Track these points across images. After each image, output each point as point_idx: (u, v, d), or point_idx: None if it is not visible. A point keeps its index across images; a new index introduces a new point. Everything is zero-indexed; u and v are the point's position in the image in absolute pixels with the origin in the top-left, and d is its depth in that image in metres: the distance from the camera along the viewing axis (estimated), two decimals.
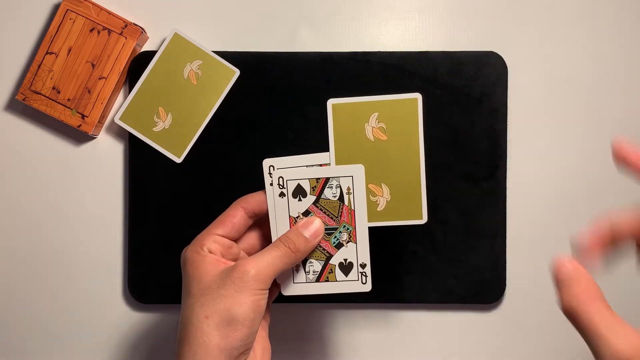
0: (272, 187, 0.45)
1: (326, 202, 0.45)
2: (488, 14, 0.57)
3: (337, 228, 0.45)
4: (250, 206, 0.45)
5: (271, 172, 0.45)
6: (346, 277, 0.45)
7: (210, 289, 0.41)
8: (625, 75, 0.57)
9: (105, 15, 0.55)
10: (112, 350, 0.58)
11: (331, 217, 0.45)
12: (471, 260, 0.55)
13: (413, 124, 0.45)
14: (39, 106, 0.55)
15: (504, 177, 0.55)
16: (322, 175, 0.45)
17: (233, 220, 0.44)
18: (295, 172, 0.45)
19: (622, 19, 0.57)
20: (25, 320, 0.58)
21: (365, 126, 0.46)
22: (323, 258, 0.45)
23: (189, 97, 0.55)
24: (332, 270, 0.45)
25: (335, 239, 0.45)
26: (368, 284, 0.45)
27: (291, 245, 0.43)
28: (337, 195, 0.45)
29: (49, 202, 0.57)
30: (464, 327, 0.57)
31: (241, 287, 0.40)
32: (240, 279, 0.40)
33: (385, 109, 0.45)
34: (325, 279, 0.46)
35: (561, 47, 0.57)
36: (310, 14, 0.57)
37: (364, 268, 0.45)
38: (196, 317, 0.40)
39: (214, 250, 0.43)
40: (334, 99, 0.46)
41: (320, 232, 0.45)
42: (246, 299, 0.40)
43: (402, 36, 0.57)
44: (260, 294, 0.41)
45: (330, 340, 0.58)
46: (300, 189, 0.45)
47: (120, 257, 0.57)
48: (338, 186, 0.45)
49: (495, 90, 0.55)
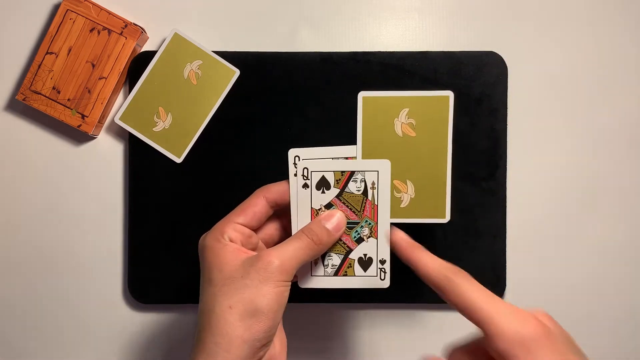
0: (296, 177, 0.44)
1: (350, 195, 0.44)
2: (488, 14, 0.57)
3: (359, 222, 0.45)
4: (272, 196, 0.44)
5: (296, 163, 0.44)
6: (365, 273, 0.45)
7: (233, 279, 0.40)
8: (625, 75, 0.57)
9: (105, 15, 0.55)
10: (112, 350, 0.58)
11: (353, 211, 0.45)
12: (471, 260, 0.55)
13: (443, 122, 0.45)
14: (39, 106, 0.55)
15: (504, 177, 0.55)
16: (348, 169, 0.44)
17: (254, 209, 0.44)
18: (321, 164, 0.44)
19: (622, 19, 0.57)
20: (25, 320, 0.58)
21: (395, 121, 0.45)
22: (343, 252, 0.45)
23: (189, 97, 0.55)
24: (351, 264, 0.45)
25: (356, 233, 0.45)
26: (386, 280, 0.45)
27: (314, 236, 0.42)
28: (362, 189, 0.44)
29: (49, 202, 0.57)
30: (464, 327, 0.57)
31: (265, 278, 0.39)
32: (265, 270, 0.40)
33: (416, 105, 0.45)
34: (343, 273, 0.45)
35: (561, 47, 0.57)
36: (310, 14, 0.57)
37: (384, 264, 0.45)
38: (219, 306, 0.39)
39: (235, 239, 0.42)
40: (365, 92, 0.45)
41: (342, 226, 0.44)
42: (270, 290, 0.39)
43: (402, 36, 0.57)
44: (284, 285, 0.40)
45: (329, 340, 0.57)
46: (324, 181, 0.44)
47: (120, 257, 0.57)
48: (363, 180, 0.44)
49: (495, 90, 0.55)
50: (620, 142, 0.57)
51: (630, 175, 0.57)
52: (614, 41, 0.57)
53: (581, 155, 0.57)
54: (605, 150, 0.57)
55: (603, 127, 0.57)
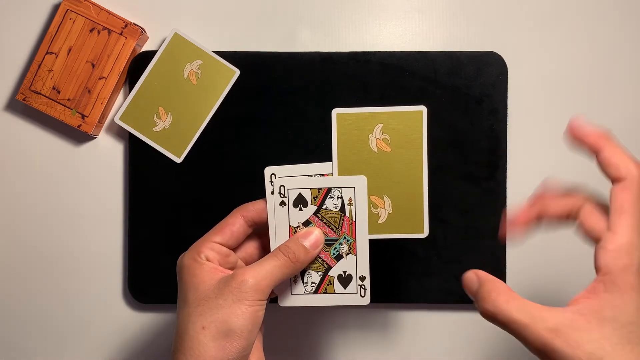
0: (273, 195, 0.44)
1: (327, 212, 0.44)
2: (488, 14, 0.57)
3: (337, 239, 0.44)
4: (250, 214, 0.44)
5: (272, 181, 0.44)
6: (345, 290, 0.45)
7: (208, 299, 0.40)
8: (625, 75, 0.57)
9: (105, 15, 0.55)
10: (112, 350, 0.58)
11: (331, 228, 0.44)
12: (471, 260, 0.55)
13: (417, 137, 0.45)
14: (39, 106, 0.55)
15: (504, 177, 0.55)
16: (324, 185, 0.44)
17: (232, 229, 0.44)
18: (297, 181, 0.44)
19: (622, 19, 0.57)
20: (25, 319, 0.58)
21: (370, 137, 0.45)
22: (322, 269, 0.45)
23: (189, 97, 0.55)
24: (331, 282, 0.45)
25: (335, 250, 0.45)
26: (367, 297, 0.45)
27: (291, 254, 0.42)
28: (339, 206, 0.44)
29: (49, 202, 0.57)
30: (464, 327, 0.57)
31: (239, 297, 0.39)
32: (239, 289, 0.39)
33: (390, 121, 0.45)
34: (323, 291, 0.45)
35: (561, 47, 0.57)
36: (310, 14, 0.57)
37: (363, 281, 0.45)
38: (192, 327, 0.39)
39: (212, 258, 0.42)
40: (339, 109, 0.45)
41: (320, 243, 0.44)
42: (244, 309, 0.39)
43: (402, 36, 0.57)
44: (259, 304, 0.40)
45: (331, 340, 0.57)
46: (301, 199, 0.44)
47: (120, 257, 0.57)
48: (340, 197, 0.44)
49: (495, 90, 0.55)
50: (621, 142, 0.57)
51: None
52: (613, 41, 0.57)
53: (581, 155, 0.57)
54: None
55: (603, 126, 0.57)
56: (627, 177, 0.35)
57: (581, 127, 0.38)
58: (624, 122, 0.57)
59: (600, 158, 0.37)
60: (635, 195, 0.35)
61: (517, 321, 0.34)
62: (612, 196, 0.35)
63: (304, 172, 0.45)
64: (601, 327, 0.33)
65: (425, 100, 0.55)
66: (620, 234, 0.34)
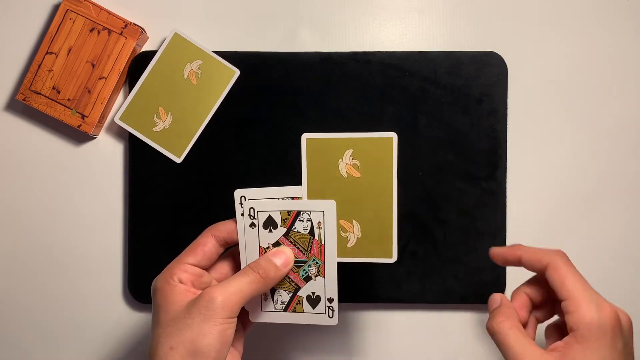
0: (243, 217, 0.45)
1: (297, 235, 0.45)
2: (488, 14, 0.57)
3: (307, 261, 0.45)
4: (221, 234, 0.45)
5: (242, 203, 0.45)
6: (313, 310, 0.45)
7: (177, 319, 0.40)
8: (625, 75, 0.57)
9: (105, 15, 0.55)
10: (112, 350, 0.58)
11: (301, 250, 0.45)
12: (471, 260, 0.55)
13: (387, 163, 0.45)
14: (39, 106, 0.55)
15: (504, 177, 0.55)
16: (294, 209, 0.45)
17: (204, 249, 0.44)
18: (267, 204, 0.45)
19: (623, 19, 0.57)
20: (25, 320, 0.58)
21: (339, 162, 0.45)
22: (291, 289, 0.45)
23: (189, 97, 0.55)
24: (300, 301, 0.45)
25: (304, 271, 0.45)
26: (335, 318, 0.45)
27: (261, 270, 0.42)
28: (308, 229, 0.45)
29: (49, 202, 0.57)
30: (464, 327, 0.57)
31: (207, 316, 0.39)
32: (207, 307, 0.39)
33: (360, 146, 0.45)
34: (292, 310, 0.46)
35: (561, 47, 0.57)
36: (310, 14, 0.57)
37: (331, 303, 0.45)
38: (162, 348, 0.39)
39: (185, 280, 0.42)
40: (309, 134, 0.45)
41: (290, 262, 0.44)
42: (212, 328, 0.39)
43: (402, 36, 0.57)
44: (228, 322, 0.40)
45: (329, 340, 0.57)
46: (271, 221, 0.45)
47: (120, 257, 0.57)
48: (309, 220, 0.45)
49: (495, 90, 0.55)
50: (621, 142, 0.57)
51: (630, 175, 0.57)
52: (614, 41, 0.57)
53: (581, 155, 0.57)
54: (605, 150, 0.57)
55: (603, 126, 0.57)
56: (550, 261, 0.41)
57: (498, 251, 0.44)
58: (624, 122, 0.57)
59: (523, 262, 0.42)
60: (565, 270, 0.40)
61: (510, 347, 0.39)
62: (550, 279, 0.40)
63: (273, 195, 0.45)
64: None
65: (425, 100, 0.55)
66: (576, 299, 0.39)
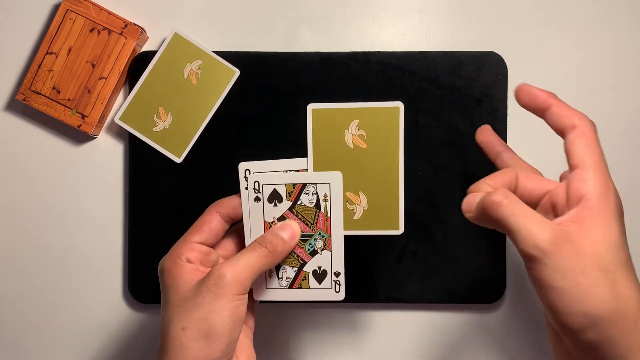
0: (247, 191, 0.44)
1: (302, 208, 0.44)
2: (488, 14, 0.57)
3: (313, 235, 0.44)
4: (225, 210, 0.44)
5: (247, 176, 0.44)
6: (319, 285, 0.45)
7: (188, 299, 0.40)
8: (625, 75, 0.57)
9: (105, 15, 0.55)
10: (112, 350, 0.58)
11: (307, 224, 0.44)
12: (471, 260, 0.55)
13: (394, 134, 0.45)
14: (39, 106, 0.55)
15: None
16: (299, 181, 0.44)
17: (210, 226, 0.44)
18: (272, 177, 0.44)
19: (622, 19, 0.57)
20: (25, 320, 0.58)
21: (345, 133, 0.45)
22: (297, 265, 0.45)
23: (189, 97, 0.55)
24: (306, 277, 0.45)
25: (310, 245, 0.44)
26: (341, 292, 0.45)
27: (268, 245, 0.42)
28: (314, 201, 0.44)
29: (49, 202, 0.57)
30: (464, 327, 0.57)
31: (218, 294, 0.39)
32: (217, 285, 0.39)
33: (366, 117, 0.45)
34: (298, 286, 0.45)
35: (561, 47, 0.57)
36: (310, 14, 0.57)
37: (338, 277, 0.45)
38: (174, 329, 0.39)
39: (193, 259, 0.42)
40: (315, 104, 0.45)
41: (296, 235, 0.44)
42: (224, 305, 0.39)
43: (402, 36, 0.57)
44: (239, 299, 0.39)
45: (328, 340, 0.57)
46: (276, 194, 0.44)
47: (120, 257, 0.57)
48: (315, 193, 0.44)
49: (495, 90, 0.55)
50: (621, 142, 0.57)
51: (630, 176, 0.57)
52: (614, 41, 0.57)
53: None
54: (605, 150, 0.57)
55: (603, 127, 0.57)
56: (579, 124, 0.37)
57: (529, 89, 0.39)
58: (624, 122, 0.57)
59: (551, 112, 0.38)
60: (592, 137, 0.37)
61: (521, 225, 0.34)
62: (571, 141, 0.37)
63: (279, 168, 0.44)
64: (596, 246, 0.34)
65: (425, 100, 0.55)
66: (596, 168, 0.36)
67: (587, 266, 0.33)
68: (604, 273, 0.33)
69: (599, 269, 0.33)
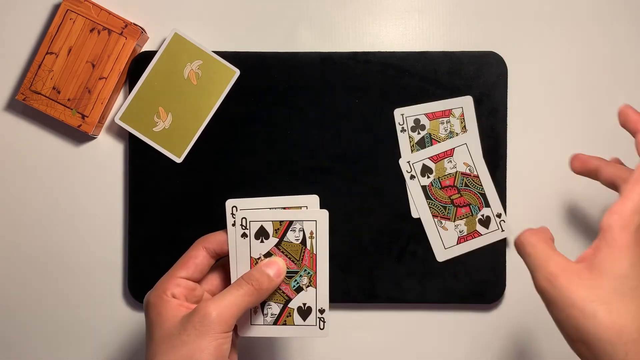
0: (235, 227, 0.45)
1: (288, 245, 0.45)
2: (488, 14, 0.57)
3: (298, 272, 0.45)
4: (212, 246, 0.45)
5: (234, 213, 0.45)
6: (304, 322, 0.45)
7: (172, 335, 0.40)
8: (625, 75, 0.57)
9: (105, 15, 0.55)
10: (112, 350, 0.58)
11: (292, 260, 0.45)
12: (471, 260, 0.55)
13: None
14: (39, 106, 0.55)
15: (504, 177, 0.55)
16: (286, 219, 0.45)
17: (196, 261, 0.44)
18: (259, 214, 0.45)
19: (623, 18, 0.57)
20: (25, 320, 0.58)
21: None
22: (282, 301, 0.45)
23: (189, 97, 0.55)
24: (290, 314, 0.45)
25: (295, 282, 0.45)
26: (326, 329, 0.45)
27: (254, 282, 0.42)
28: (300, 238, 0.45)
29: (49, 202, 0.57)
30: (464, 327, 0.57)
31: (203, 332, 0.39)
32: (201, 323, 0.39)
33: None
34: (282, 322, 0.45)
35: (561, 47, 0.57)
36: (310, 14, 0.57)
37: (323, 314, 0.45)
38: None
39: (178, 295, 0.42)
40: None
41: (282, 272, 0.44)
42: (208, 344, 0.39)
43: (402, 36, 0.57)
44: (223, 337, 0.40)
45: (329, 340, 0.57)
46: (263, 231, 0.45)
47: (120, 257, 0.57)
48: (301, 230, 0.45)
49: (495, 90, 0.55)
50: (621, 142, 0.57)
51: None
52: (614, 41, 0.57)
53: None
54: (605, 150, 0.57)
55: (603, 127, 0.57)
56: (635, 176, 0.38)
57: (628, 111, 0.43)
58: None
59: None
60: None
61: (535, 256, 0.39)
62: (620, 185, 0.39)
63: (265, 205, 0.45)
64: (599, 278, 0.36)
65: (425, 100, 0.55)
66: (629, 199, 0.37)
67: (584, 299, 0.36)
68: (602, 304, 0.35)
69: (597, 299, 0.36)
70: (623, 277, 0.36)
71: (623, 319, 0.35)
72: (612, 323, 0.35)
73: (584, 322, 0.35)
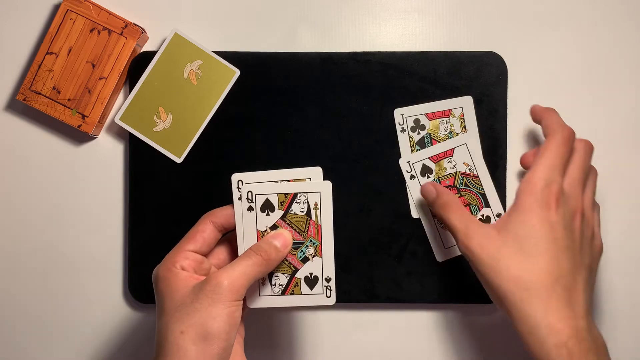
0: (241, 201, 0.46)
1: (293, 216, 0.46)
2: (488, 14, 0.57)
3: (304, 242, 0.46)
4: (219, 220, 0.45)
5: (240, 187, 0.46)
6: (311, 291, 0.46)
7: (184, 304, 0.41)
8: (625, 75, 0.57)
9: (105, 15, 0.55)
10: (112, 350, 0.58)
11: (298, 232, 0.46)
12: None
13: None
14: (39, 106, 0.55)
15: (504, 177, 0.56)
16: (291, 191, 0.46)
17: (203, 235, 0.45)
18: (264, 187, 0.46)
19: (622, 19, 0.57)
20: (25, 320, 0.58)
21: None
22: (289, 272, 0.46)
23: (189, 97, 0.55)
24: (298, 283, 0.46)
25: (301, 253, 0.46)
26: (332, 297, 0.46)
27: (263, 253, 0.43)
28: (305, 210, 0.46)
29: (49, 202, 0.57)
30: (464, 327, 0.57)
31: (215, 300, 0.40)
32: (213, 291, 0.40)
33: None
34: (290, 292, 0.46)
35: (561, 47, 0.57)
36: (310, 14, 0.57)
37: (329, 282, 0.46)
38: (171, 333, 0.40)
39: (187, 267, 0.43)
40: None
41: (289, 243, 0.45)
42: (221, 311, 0.40)
43: (402, 36, 0.57)
44: (235, 305, 0.41)
45: (328, 340, 0.57)
46: (269, 204, 0.46)
47: (120, 257, 0.57)
48: (306, 202, 0.46)
49: (495, 90, 0.55)
50: (621, 143, 0.57)
51: (630, 176, 0.57)
52: (614, 41, 0.57)
53: None
54: (605, 151, 0.57)
55: (603, 127, 0.57)
56: (552, 131, 0.45)
57: (534, 107, 0.50)
58: (625, 123, 0.57)
59: (542, 124, 0.48)
60: (556, 140, 0.45)
61: (455, 227, 0.46)
62: (542, 144, 0.45)
63: (270, 178, 0.46)
64: (504, 237, 0.43)
65: (425, 100, 0.55)
66: (534, 169, 0.44)
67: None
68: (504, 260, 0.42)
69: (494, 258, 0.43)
70: (524, 237, 0.42)
71: (520, 272, 0.42)
72: (510, 276, 0.42)
73: (492, 277, 0.42)
